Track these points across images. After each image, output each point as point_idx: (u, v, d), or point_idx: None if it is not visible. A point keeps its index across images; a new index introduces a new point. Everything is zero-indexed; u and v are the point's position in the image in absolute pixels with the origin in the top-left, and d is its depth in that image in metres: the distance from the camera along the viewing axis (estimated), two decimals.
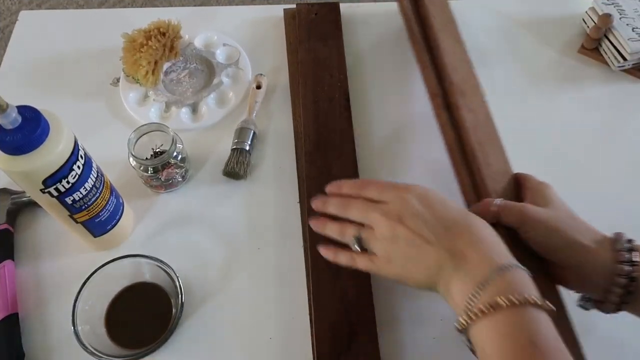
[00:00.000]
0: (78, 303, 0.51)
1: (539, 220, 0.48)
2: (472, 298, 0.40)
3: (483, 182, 0.54)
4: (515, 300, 0.38)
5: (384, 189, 0.49)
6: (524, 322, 0.38)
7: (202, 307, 0.56)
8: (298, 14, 0.75)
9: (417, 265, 0.45)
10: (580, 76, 0.74)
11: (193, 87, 0.72)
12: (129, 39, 0.69)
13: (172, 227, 0.62)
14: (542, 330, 0.38)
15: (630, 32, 0.72)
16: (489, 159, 0.55)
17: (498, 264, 0.40)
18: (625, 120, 0.71)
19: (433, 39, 0.65)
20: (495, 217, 0.49)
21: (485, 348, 0.39)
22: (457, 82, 0.60)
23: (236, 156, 0.64)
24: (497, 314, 0.38)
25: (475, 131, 0.57)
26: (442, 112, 0.60)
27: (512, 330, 0.38)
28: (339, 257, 0.50)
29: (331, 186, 0.54)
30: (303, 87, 0.68)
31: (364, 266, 0.48)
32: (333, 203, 0.51)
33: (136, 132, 0.60)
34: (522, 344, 0.37)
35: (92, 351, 0.49)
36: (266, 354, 0.54)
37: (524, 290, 0.39)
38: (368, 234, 0.48)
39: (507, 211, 0.49)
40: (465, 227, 0.44)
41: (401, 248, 0.45)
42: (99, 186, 0.52)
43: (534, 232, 0.48)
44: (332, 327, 0.52)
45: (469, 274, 0.41)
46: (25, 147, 0.43)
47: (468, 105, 0.59)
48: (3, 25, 1.78)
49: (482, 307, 0.39)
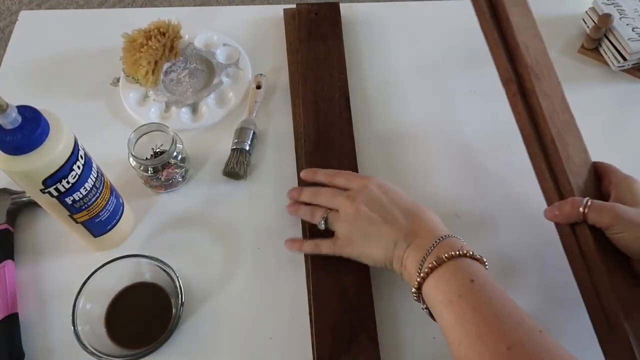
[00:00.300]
0: (78, 303, 0.51)
1: (632, 222, 0.47)
2: (422, 262, 0.47)
3: (566, 178, 0.52)
4: (454, 253, 0.46)
5: (350, 179, 0.57)
6: (463, 267, 0.46)
7: (202, 307, 0.56)
8: (298, 13, 0.75)
9: (375, 243, 0.52)
10: (580, 76, 0.75)
11: (193, 87, 0.72)
12: (129, 39, 0.69)
13: (172, 227, 0.62)
14: (478, 272, 0.46)
15: (630, 32, 0.72)
16: (569, 150, 0.53)
17: (441, 235, 0.49)
18: (625, 120, 0.71)
19: (503, 15, 0.60)
20: (583, 217, 0.49)
21: (436, 297, 0.46)
22: (531, 63, 0.56)
23: (236, 156, 0.64)
24: (441, 267, 0.46)
25: (553, 119, 0.54)
26: (517, 100, 0.57)
27: (453, 275, 0.45)
28: (304, 247, 0.57)
29: (306, 172, 0.60)
30: (303, 87, 0.68)
31: (327, 249, 0.55)
32: (306, 192, 0.59)
33: (136, 132, 0.60)
34: (463, 282, 0.45)
35: (92, 351, 0.49)
36: (266, 354, 0.54)
37: (461, 248, 0.47)
38: (334, 216, 0.55)
39: (597, 212, 0.48)
40: (416, 211, 0.52)
41: (362, 227, 0.52)
42: (99, 186, 0.52)
43: (625, 233, 0.47)
44: (332, 327, 0.52)
45: (420, 245, 0.49)
46: (25, 147, 0.43)
47: (544, 89, 0.56)
48: (3, 25, 1.78)
49: (430, 265, 0.46)
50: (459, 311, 0.43)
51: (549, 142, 0.54)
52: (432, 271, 0.46)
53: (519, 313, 0.42)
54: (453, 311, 0.44)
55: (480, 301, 0.43)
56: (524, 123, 0.56)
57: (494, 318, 0.42)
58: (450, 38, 0.78)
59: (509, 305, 0.43)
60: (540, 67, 0.57)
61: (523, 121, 0.56)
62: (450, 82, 0.74)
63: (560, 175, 0.53)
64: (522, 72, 0.57)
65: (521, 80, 0.57)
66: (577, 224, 0.51)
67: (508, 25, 0.59)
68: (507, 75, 0.58)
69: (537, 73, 0.56)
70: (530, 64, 0.56)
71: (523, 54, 0.57)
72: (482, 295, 0.44)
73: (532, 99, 0.56)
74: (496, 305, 0.43)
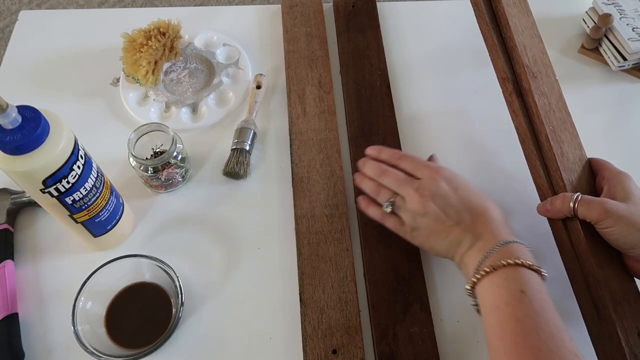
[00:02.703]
0: (78, 303, 0.51)
1: (621, 217, 0.48)
2: (480, 264, 0.47)
3: (559, 174, 0.54)
4: (511, 261, 0.46)
5: (419, 166, 0.55)
6: (517, 276, 0.45)
7: (202, 307, 0.56)
8: (336, 7, 0.79)
9: (439, 239, 0.52)
10: (580, 76, 0.75)
11: (193, 87, 0.72)
12: (129, 39, 0.69)
13: (172, 227, 0.62)
14: (532, 284, 0.45)
15: (630, 32, 0.72)
16: (564, 147, 0.55)
17: (503, 239, 0.48)
18: (625, 120, 0.71)
19: (502, 15, 0.63)
20: (573, 212, 0.51)
21: (486, 300, 0.46)
22: (529, 64, 0.59)
23: (236, 156, 0.64)
24: (496, 272, 0.46)
25: (548, 117, 0.56)
26: (513, 99, 0.59)
27: (506, 282, 0.45)
28: (370, 210, 0.57)
29: (371, 149, 0.59)
30: (345, 76, 0.71)
31: (392, 226, 0.55)
32: (371, 165, 0.57)
33: (136, 132, 0.60)
34: (513, 292, 0.44)
35: (92, 351, 0.49)
36: (266, 354, 0.54)
37: (520, 257, 0.46)
38: (400, 203, 0.54)
39: (587, 207, 0.50)
40: (482, 210, 0.51)
41: (428, 222, 0.52)
42: (99, 186, 0.52)
43: (614, 227, 0.48)
44: (386, 299, 0.55)
45: (481, 248, 0.48)
46: (25, 147, 0.43)
47: (540, 88, 0.58)
48: (3, 25, 1.78)
49: (486, 269, 0.46)
50: (503, 318, 0.44)
51: (543, 140, 0.56)
52: (487, 274, 0.46)
53: (561, 334, 0.42)
54: (498, 317, 0.44)
55: (525, 314, 0.43)
56: (520, 121, 0.58)
57: (534, 334, 0.42)
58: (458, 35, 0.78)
59: (553, 323, 0.43)
60: (538, 66, 0.59)
61: (519, 119, 0.58)
62: (460, 79, 0.74)
63: (553, 171, 0.55)
64: (519, 72, 0.59)
65: (518, 79, 0.59)
66: (568, 219, 0.52)
67: (507, 26, 0.60)
68: (504, 75, 0.59)
69: (534, 72, 0.58)
70: (528, 64, 0.58)
71: (520, 54, 0.59)
72: (529, 308, 0.43)
73: (528, 98, 0.58)
74: (540, 322, 0.43)
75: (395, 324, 0.54)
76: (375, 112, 0.68)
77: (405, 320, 0.54)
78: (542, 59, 0.60)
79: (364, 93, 0.70)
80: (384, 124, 0.67)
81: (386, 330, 0.53)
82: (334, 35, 0.77)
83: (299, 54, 0.73)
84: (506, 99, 0.60)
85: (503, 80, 0.60)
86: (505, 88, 0.60)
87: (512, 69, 0.60)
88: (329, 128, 0.67)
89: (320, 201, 0.61)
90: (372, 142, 0.65)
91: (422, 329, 0.54)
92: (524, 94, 0.58)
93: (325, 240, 0.59)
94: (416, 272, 0.57)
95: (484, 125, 0.69)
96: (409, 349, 0.52)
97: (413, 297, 0.55)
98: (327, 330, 0.53)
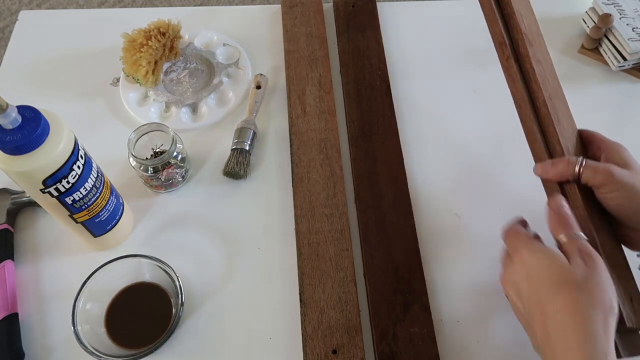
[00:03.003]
0: (78, 303, 0.51)
1: (626, 183, 0.48)
2: None
3: (556, 139, 0.53)
4: None
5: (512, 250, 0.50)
6: None
7: (202, 307, 0.56)
8: (336, 7, 0.79)
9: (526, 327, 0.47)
10: (580, 76, 0.75)
11: (193, 87, 0.73)
12: (129, 39, 0.69)
13: (172, 227, 0.62)
14: None
15: (630, 32, 0.72)
16: (559, 115, 0.55)
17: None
18: (625, 120, 0.71)
19: None
20: (578, 176, 0.50)
21: None
22: (526, 30, 0.58)
23: (236, 156, 0.64)
24: None
25: (545, 84, 0.56)
26: (511, 64, 0.58)
27: None
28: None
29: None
30: (345, 76, 0.71)
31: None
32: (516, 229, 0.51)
33: (136, 132, 0.60)
34: None
35: (92, 351, 0.49)
36: (266, 354, 0.54)
37: None
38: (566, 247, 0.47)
39: (592, 171, 0.49)
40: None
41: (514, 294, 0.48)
42: (99, 186, 0.52)
43: (617, 193, 0.48)
44: (386, 299, 0.55)
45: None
46: (25, 147, 0.43)
47: (536, 55, 0.57)
48: (3, 25, 1.78)
49: None
50: None
51: (541, 105, 0.55)
52: None
53: None
54: None
55: None
56: (517, 86, 0.57)
57: None
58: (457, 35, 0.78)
59: None
60: (532, 35, 0.59)
61: (516, 84, 0.58)
62: (455, 82, 0.74)
63: (550, 136, 0.54)
64: (516, 37, 0.59)
65: (515, 45, 0.59)
66: (566, 184, 0.51)
67: None
68: (501, 39, 0.59)
69: (530, 40, 0.58)
70: (525, 30, 0.58)
71: (518, 20, 0.58)
72: None
73: (525, 63, 0.57)
74: None
75: (395, 324, 0.54)
76: (375, 112, 0.68)
77: (405, 320, 0.54)
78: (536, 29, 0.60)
79: (364, 93, 0.70)
80: (384, 124, 0.67)
81: (386, 330, 0.53)
82: (334, 35, 0.77)
83: (299, 54, 0.73)
84: (503, 64, 0.60)
85: (500, 44, 0.60)
86: (502, 52, 0.59)
87: (509, 35, 0.60)
88: (329, 128, 0.67)
89: (320, 201, 0.61)
90: (372, 142, 0.65)
91: (422, 329, 0.54)
92: (521, 60, 0.58)
93: (325, 240, 0.59)
94: (416, 272, 0.57)
95: (484, 125, 0.69)
96: (409, 349, 0.53)
97: (413, 297, 0.55)
98: (327, 330, 0.53)
